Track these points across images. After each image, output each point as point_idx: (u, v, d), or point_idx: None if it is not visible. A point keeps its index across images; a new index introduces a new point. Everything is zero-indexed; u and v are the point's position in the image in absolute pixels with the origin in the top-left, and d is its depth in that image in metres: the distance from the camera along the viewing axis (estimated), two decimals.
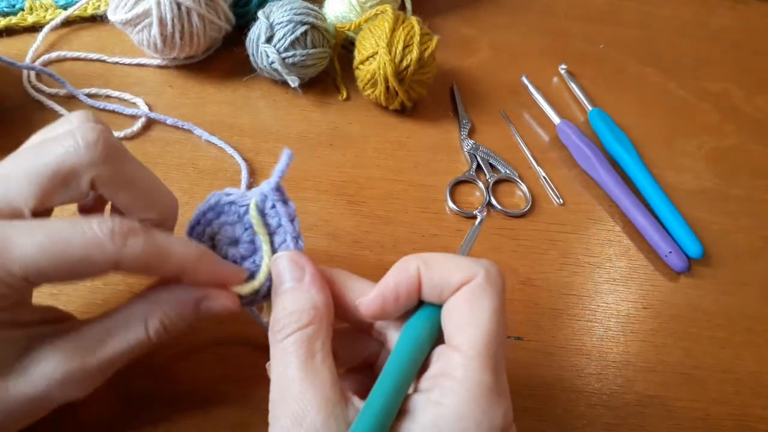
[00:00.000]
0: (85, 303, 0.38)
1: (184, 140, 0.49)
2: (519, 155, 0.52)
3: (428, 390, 0.24)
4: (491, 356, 0.24)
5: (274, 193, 0.30)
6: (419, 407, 0.24)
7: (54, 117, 0.49)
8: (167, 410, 0.35)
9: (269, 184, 0.30)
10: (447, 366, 0.24)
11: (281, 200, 0.30)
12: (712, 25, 0.68)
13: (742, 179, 0.52)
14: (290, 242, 0.29)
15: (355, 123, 0.52)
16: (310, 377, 0.24)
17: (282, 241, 0.30)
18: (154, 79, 0.53)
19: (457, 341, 0.25)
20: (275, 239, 0.30)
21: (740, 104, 0.59)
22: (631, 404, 0.39)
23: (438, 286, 0.26)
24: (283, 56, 0.49)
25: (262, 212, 0.30)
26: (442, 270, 0.26)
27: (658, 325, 0.43)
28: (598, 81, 0.59)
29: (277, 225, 0.30)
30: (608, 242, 0.47)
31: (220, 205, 0.30)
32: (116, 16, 0.50)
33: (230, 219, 0.30)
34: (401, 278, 0.27)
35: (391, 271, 0.27)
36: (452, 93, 0.56)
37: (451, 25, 0.63)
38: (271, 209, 0.30)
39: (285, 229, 0.30)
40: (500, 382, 0.24)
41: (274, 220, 0.30)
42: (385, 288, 0.27)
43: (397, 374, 0.25)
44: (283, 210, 0.30)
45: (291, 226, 0.30)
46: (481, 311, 0.25)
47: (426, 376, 0.25)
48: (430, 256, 0.27)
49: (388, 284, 0.27)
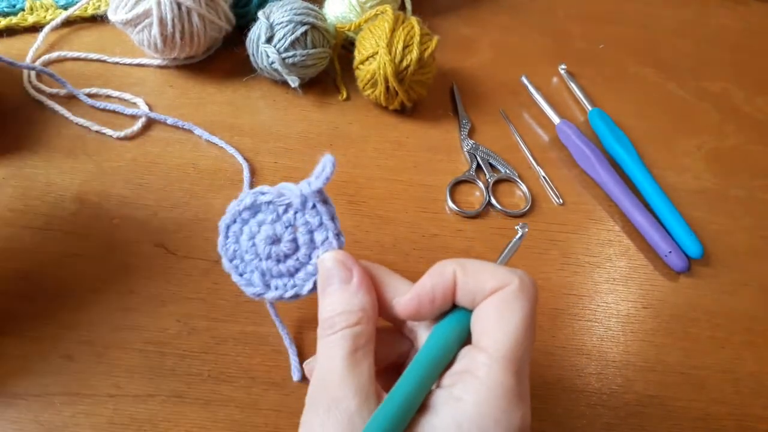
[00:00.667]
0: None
1: (184, 140, 0.49)
2: (519, 155, 0.52)
3: (450, 386, 0.25)
4: (516, 360, 0.25)
5: (315, 195, 0.31)
6: (440, 402, 0.25)
7: (54, 117, 0.49)
8: (168, 410, 0.35)
9: (311, 186, 0.31)
10: (471, 365, 0.25)
11: (321, 200, 0.31)
12: (712, 25, 0.68)
13: (742, 179, 0.52)
14: (333, 239, 0.31)
15: (355, 123, 0.52)
16: (352, 368, 0.26)
17: (324, 239, 0.31)
18: (154, 79, 0.53)
19: (484, 343, 0.25)
20: (316, 237, 0.31)
21: (740, 104, 0.59)
22: (631, 404, 0.39)
23: (472, 292, 0.27)
24: (284, 56, 0.49)
25: (304, 212, 0.31)
26: (477, 276, 0.27)
27: (658, 325, 0.43)
28: (598, 81, 0.59)
29: (318, 224, 0.31)
30: (608, 242, 0.47)
31: (256, 205, 0.31)
32: (116, 16, 0.50)
33: (269, 218, 0.31)
34: (438, 281, 0.27)
35: (428, 273, 0.28)
36: (452, 93, 0.56)
37: (451, 25, 0.63)
38: (311, 209, 0.31)
39: (326, 227, 0.31)
40: (522, 386, 0.25)
41: (315, 219, 0.31)
42: (421, 290, 0.28)
43: (421, 370, 0.26)
44: (324, 209, 0.31)
45: (333, 224, 0.31)
46: (511, 316, 0.25)
47: (449, 372, 0.26)
48: (466, 262, 0.27)
49: (425, 286, 0.28)
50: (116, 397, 0.35)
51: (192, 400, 0.36)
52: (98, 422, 0.34)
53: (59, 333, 0.37)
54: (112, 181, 0.45)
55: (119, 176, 0.46)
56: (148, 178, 0.46)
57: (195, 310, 0.39)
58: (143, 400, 0.35)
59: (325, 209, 0.31)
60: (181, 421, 0.35)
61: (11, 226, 0.42)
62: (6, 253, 0.41)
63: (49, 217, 0.43)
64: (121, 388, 0.36)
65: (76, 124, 0.48)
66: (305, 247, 0.31)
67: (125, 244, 0.42)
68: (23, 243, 0.41)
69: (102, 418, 0.35)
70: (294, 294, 0.31)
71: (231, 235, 0.32)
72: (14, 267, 0.40)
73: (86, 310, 0.39)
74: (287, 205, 0.31)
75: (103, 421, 0.34)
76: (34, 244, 0.41)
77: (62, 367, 0.36)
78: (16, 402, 0.35)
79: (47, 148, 0.47)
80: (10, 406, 0.34)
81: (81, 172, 0.46)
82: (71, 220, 0.43)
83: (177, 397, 0.36)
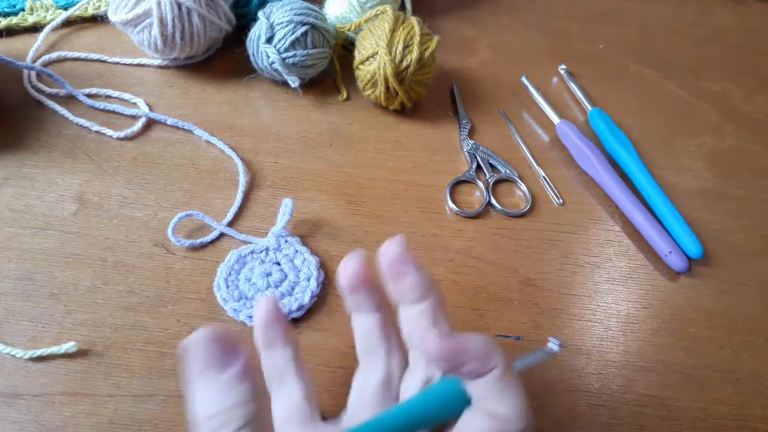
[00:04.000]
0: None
1: (184, 140, 0.49)
2: (519, 155, 0.52)
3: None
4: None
5: (282, 232, 0.42)
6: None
7: (54, 117, 0.49)
8: (168, 410, 0.35)
9: (279, 228, 0.42)
10: None
11: (288, 234, 0.43)
12: (712, 25, 0.68)
13: (742, 179, 0.52)
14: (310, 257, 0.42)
15: (355, 123, 0.52)
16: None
17: (303, 260, 0.41)
18: (154, 79, 0.53)
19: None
20: (296, 261, 0.42)
21: (740, 104, 0.59)
22: (631, 404, 0.39)
23: (479, 396, 0.24)
24: (284, 56, 0.49)
25: (280, 249, 0.42)
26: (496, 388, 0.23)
27: (658, 325, 0.43)
28: (598, 81, 0.59)
29: (294, 251, 0.42)
30: (608, 242, 0.47)
31: (241, 258, 0.41)
32: (117, 16, 0.50)
33: (256, 263, 0.41)
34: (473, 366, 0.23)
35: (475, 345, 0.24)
36: (452, 93, 0.56)
37: (451, 25, 0.63)
38: (285, 243, 0.42)
39: (300, 251, 0.42)
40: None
41: (291, 249, 0.42)
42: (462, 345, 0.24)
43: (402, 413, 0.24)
44: (294, 239, 0.42)
45: (304, 248, 0.42)
46: None
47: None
48: (507, 369, 0.24)
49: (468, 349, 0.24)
50: (116, 397, 0.35)
51: None
52: (98, 422, 0.34)
53: (59, 333, 0.37)
54: (112, 181, 0.45)
55: (119, 176, 0.46)
56: (148, 178, 0.46)
57: (195, 310, 0.39)
58: (143, 400, 0.35)
59: (294, 239, 0.42)
60: (181, 421, 0.35)
61: (11, 226, 0.42)
62: (6, 253, 0.41)
63: (48, 217, 0.43)
64: (121, 388, 0.36)
65: (76, 125, 0.48)
66: (292, 272, 0.41)
67: (125, 244, 0.42)
68: (23, 243, 0.41)
69: (102, 418, 0.35)
70: (299, 305, 0.39)
71: (231, 284, 0.40)
72: (14, 267, 0.40)
73: (86, 310, 0.39)
74: (266, 249, 0.42)
75: (103, 421, 0.34)
76: (33, 243, 0.41)
77: (62, 367, 0.36)
78: (16, 402, 0.35)
79: (47, 148, 0.47)
80: (10, 406, 0.34)
81: (81, 172, 0.46)
82: (71, 220, 0.43)
83: (177, 397, 0.36)
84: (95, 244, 0.42)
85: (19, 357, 0.36)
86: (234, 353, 0.23)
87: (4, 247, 0.41)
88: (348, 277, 0.28)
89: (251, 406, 0.22)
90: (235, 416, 0.22)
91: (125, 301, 0.39)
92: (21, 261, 0.40)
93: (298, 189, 0.47)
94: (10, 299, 0.39)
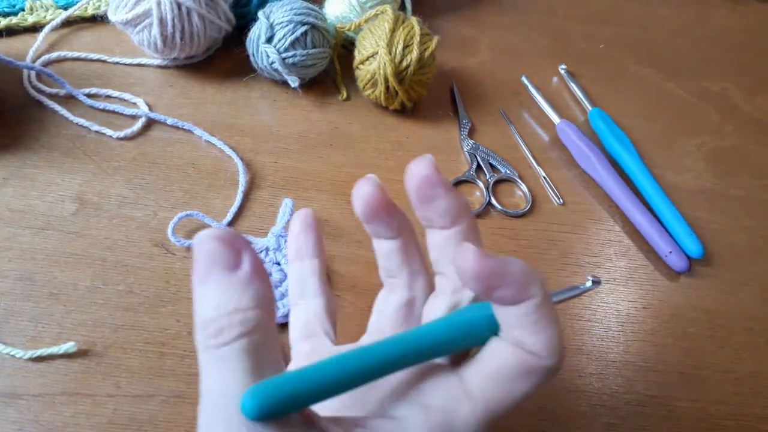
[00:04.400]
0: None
1: (184, 140, 0.49)
2: (519, 155, 0.52)
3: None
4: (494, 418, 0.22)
5: (282, 231, 0.43)
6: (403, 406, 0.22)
7: (54, 117, 0.49)
8: (168, 410, 0.35)
9: (279, 228, 0.43)
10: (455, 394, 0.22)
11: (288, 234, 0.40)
12: (712, 25, 0.68)
13: (742, 179, 0.52)
14: None
15: (355, 123, 0.52)
16: None
17: None
18: (154, 79, 0.53)
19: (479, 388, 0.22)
20: None
21: (740, 104, 0.59)
22: (631, 404, 0.39)
23: (509, 327, 0.22)
24: (284, 56, 0.49)
25: (279, 249, 0.42)
26: (529, 319, 0.22)
27: (658, 324, 0.43)
28: (598, 81, 0.59)
29: None
30: (608, 242, 0.47)
31: None
32: (116, 16, 0.50)
33: None
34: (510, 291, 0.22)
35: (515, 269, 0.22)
36: (452, 93, 0.56)
37: (451, 25, 0.63)
38: (284, 243, 0.42)
39: None
40: None
41: None
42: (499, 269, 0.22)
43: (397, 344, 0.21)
44: None
45: None
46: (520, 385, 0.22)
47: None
48: (546, 299, 0.22)
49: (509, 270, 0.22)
50: (116, 397, 0.35)
51: (192, 400, 0.36)
52: (98, 422, 0.34)
53: (59, 333, 0.37)
54: (111, 181, 0.45)
55: (119, 176, 0.46)
56: (148, 178, 0.46)
57: None
58: (143, 400, 0.35)
59: None
60: (181, 421, 0.35)
61: (11, 226, 0.42)
62: (6, 253, 0.41)
63: (48, 217, 0.43)
64: (121, 388, 0.36)
65: (76, 124, 0.48)
66: None
67: (125, 244, 0.42)
68: (23, 243, 0.41)
69: (102, 418, 0.35)
70: None
71: None
72: (14, 267, 0.40)
73: (86, 310, 0.39)
74: (266, 249, 0.42)
75: (103, 421, 0.34)
76: (33, 243, 0.41)
77: (62, 367, 0.36)
78: (16, 402, 0.35)
79: (47, 148, 0.47)
80: (10, 406, 0.34)
81: (81, 172, 0.46)
82: (71, 220, 0.43)
83: (177, 397, 0.36)
84: (95, 244, 0.42)
85: (19, 357, 0.36)
86: (242, 255, 0.21)
87: (4, 247, 0.41)
88: (362, 205, 0.26)
89: (256, 312, 0.20)
90: (238, 321, 0.19)
91: (125, 301, 0.39)
92: (21, 261, 0.40)
93: (298, 189, 0.47)
94: (9, 299, 0.39)
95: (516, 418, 0.37)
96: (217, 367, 0.19)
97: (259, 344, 0.20)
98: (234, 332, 0.19)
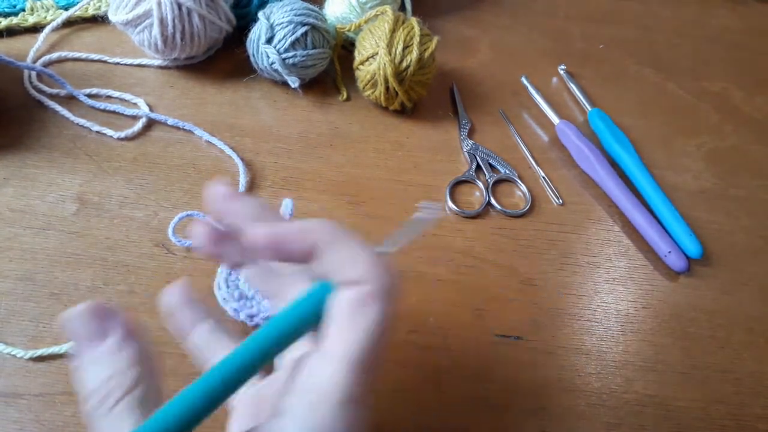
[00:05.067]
0: None
1: (184, 141, 0.49)
2: (518, 155, 0.52)
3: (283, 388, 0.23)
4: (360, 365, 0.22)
5: None
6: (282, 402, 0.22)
7: (55, 117, 0.49)
8: None
9: None
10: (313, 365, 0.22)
11: None
12: (712, 25, 0.68)
13: (742, 179, 0.52)
14: None
15: (355, 123, 0.52)
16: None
17: None
18: (154, 79, 0.53)
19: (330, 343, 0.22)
20: None
21: (740, 104, 0.59)
22: (630, 404, 0.39)
23: (328, 273, 0.23)
24: (284, 57, 0.49)
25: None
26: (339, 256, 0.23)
27: (658, 324, 0.43)
28: (598, 81, 0.59)
29: None
30: (608, 242, 0.47)
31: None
32: (117, 16, 0.50)
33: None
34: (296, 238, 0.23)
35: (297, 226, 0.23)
36: (452, 93, 0.56)
37: (451, 25, 0.63)
38: None
39: None
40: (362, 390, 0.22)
41: None
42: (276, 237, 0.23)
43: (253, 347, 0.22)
44: None
45: None
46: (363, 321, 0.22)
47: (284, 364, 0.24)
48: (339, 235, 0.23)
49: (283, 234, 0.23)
50: None
51: None
52: None
53: (59, 333, 0.37)
54: (112, 181, 0.45)
55: (119, 176, 0.46)
56: (149, 178, 0.46)
57: None
58: None
59: None
60: None
61: (11, 226, 0.42)
62: (7, 253, 0.41)
63: (49, 217, 0.43)
64: None
65: (76, 125, 0.49)
66: None
67: (126, 244, 0.42)
68: (24, 243, 0.41)
69: None
70: None
71: (231, 285, 0.40)
72: (15, 267, 0.40)
73: None
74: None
75: None
76: (34, 244, 0.41)
77: (63, 366, 0.36)
78: (17, 401, 0.35)
79: (48, 148, 0.47)
80: (11, 405, 0.35)
81: (81, 172, 0.46)
82: (71, 220, 0.43)
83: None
84: (96, 244, 0.42)
85: (20, 357, 0.36)
86: (111, 322, 0.23)
87: (5, 247, 0.41)
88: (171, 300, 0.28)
89: (133, 370, 0.22)
90: (116, 384, 0.21)
91: (126, 301, 0.39)
92: (21, 261, 0.41)
93: (298, 189, 0.47)
94: (10, 299, 0.39)
95: (516, 418, 0.37)
96: (110, 429, 0.21)
97: (144, 396, 0.22)
98: (116, 395, 0.21)
